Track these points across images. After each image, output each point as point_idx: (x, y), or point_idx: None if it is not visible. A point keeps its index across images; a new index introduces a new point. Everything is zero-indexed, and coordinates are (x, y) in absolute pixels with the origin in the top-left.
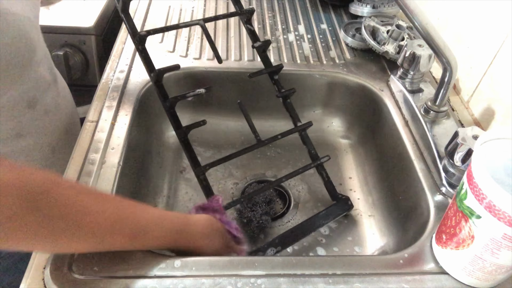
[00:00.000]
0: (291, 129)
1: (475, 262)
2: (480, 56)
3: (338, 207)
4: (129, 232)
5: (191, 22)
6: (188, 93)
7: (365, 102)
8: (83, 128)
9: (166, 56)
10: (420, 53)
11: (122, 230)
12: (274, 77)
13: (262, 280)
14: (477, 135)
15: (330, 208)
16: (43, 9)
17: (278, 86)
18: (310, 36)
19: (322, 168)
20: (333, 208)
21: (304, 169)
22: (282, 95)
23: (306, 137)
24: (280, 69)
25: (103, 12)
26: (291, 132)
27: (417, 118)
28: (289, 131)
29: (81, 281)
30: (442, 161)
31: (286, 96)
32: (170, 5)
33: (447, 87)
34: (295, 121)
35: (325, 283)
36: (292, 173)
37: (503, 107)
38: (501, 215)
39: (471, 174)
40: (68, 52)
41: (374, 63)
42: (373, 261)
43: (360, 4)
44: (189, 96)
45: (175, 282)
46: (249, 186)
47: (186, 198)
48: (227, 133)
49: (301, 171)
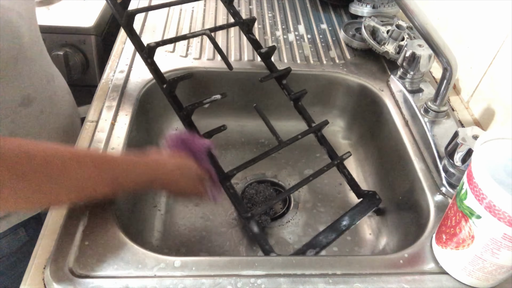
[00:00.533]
0: (309, 129)
1: (475, 262)
2: (480, 56)
3: (366, 203)
4: (109, 181)
5: (198, 32)
6: (205, 99)
7: (365, 102)
8: (83, 128)
9: (166, 56)
10: (420, 53)
11: (102, 181)
12: (283, 82)
13: (262, 280)
14: (477, 135)
15: (359, 205)
16: (43, 9)
17: (288, 90)
18: (310, 36)
19: (344, 166)
20: (362, 205)
21: (327, 167)
22: (295, 96)
23: (322, 137)
24: (288, 72)
25: (103, 12)
26: (309, 132)
27: (417, 118)
28: (307, 130)
29: (81, 281)
30: (442, 161)
31: (297, 98)
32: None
33: (447, 87)
34: (309, 123)
35: (325, 283)
36: (315, 172)
37: (503, 107)
38: (501, 215)
39: (471, 174)
40: (68, 52)
41: (374, 63)
42: (373, 261)
43: (360, 4)
44: (206, 103)
45: (175, 282)
46: (249, 186)
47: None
48: (227, 133)
49: (325, 169)
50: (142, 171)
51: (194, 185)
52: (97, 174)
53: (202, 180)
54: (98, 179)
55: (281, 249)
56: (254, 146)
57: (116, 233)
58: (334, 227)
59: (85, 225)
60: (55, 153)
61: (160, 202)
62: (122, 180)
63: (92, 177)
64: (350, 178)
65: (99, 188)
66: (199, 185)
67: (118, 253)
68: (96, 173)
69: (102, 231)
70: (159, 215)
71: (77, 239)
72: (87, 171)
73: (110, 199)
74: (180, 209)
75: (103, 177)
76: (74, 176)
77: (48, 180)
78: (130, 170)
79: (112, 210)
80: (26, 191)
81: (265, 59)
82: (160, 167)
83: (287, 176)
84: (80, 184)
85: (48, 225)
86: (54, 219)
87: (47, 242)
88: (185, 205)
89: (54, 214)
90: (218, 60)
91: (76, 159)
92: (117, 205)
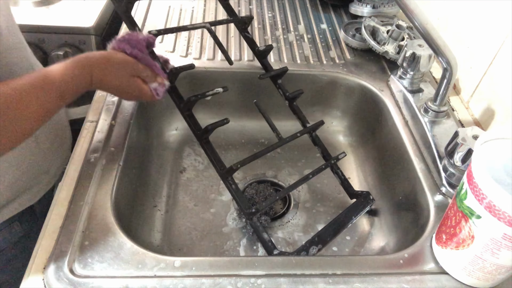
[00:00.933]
0: (304, 129)
1: (475, 262)
2: (480, 56)
3: (360, 203)
4: (55, 99)
5: (198, 24)
6: (207, 92)
7: (365, 102)
8: (83, 128)
9: (166, 56)
10: (420, 53)
11: (50, 102)
12: (278, 81)
13: (262, 280)
14: (477, 135)
15: (352, 205)
16: (43, 9)
17: (283, 90)
18: (310, 36)
19: (337, 167)
20: (355, 205)
21: (322, 168)
22: (292, 96)
23: (316, 137)
24: (284, 72)
25: (103, 12)
26: (305, 131)
27: (417, 118)
28: (303, 130)
29: (81, 281)
30: (442, 161)
31: (293, 98)
32: (170, 5)
33: (447, 87)
34: (304, 123)
35: (325, 283)
36: (314, 171)
37: (503, 107)
38: (501, 215)
39: (471, 174)
40: (68, 52)
41: (374, 63)
42: (373, 261)
43: (360, 4)
44: (208, 95)
45: (175, 282)
46: (249, 186)
47: (186, 198)
48: (226, 132)
49: (323, 167)
50: (79, 73)
51: (128, 80)
52: (42, 103)
53: (141, 76)
54: (45, 105)
55: (281, 249)
56: (254, 146)
57: (116, 233)
58: (334, 225)
59: (85, 225)
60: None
61: (160, 202)
62: (67, 95)
63: (39, 104)
64: (344, 179)
65: (49, 111)
66: (136, 81)
67: (118, 253)
68: (41, 101)
69: (102, 231)
70: (159, 215)
71: (77, 239)
72: (34, 104)
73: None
74: (180, 209)
75: (50, 100)
76: (24, 111)
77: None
78: (69, 81)
79: (112, 210)
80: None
81: (260, 58)
82: (91, 61)
83: (287, 176)
84: (31, 115)
85: (48, 225)
86: (54, 219)
87: (47, 242)
88: (185, 205)
89: (54, 214)
90: (218, 60)
91: (19, 96)
92: (117, 205)
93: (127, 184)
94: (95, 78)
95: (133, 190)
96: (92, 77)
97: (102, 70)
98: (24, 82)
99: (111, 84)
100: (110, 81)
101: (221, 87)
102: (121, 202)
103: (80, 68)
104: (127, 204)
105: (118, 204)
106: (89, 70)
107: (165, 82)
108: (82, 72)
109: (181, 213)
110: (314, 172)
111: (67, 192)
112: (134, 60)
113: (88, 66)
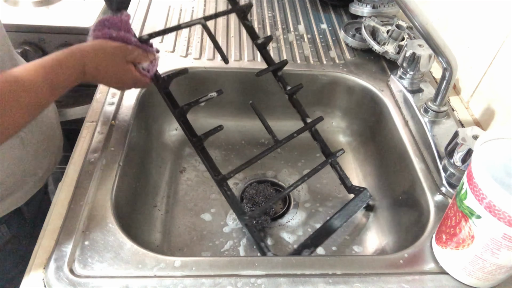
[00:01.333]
0: (304, 126)
1: (475, 262)
2: (480, 56)
3: (357, 200)
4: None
5: (192, 21)
6: (201, 98)
7: (365, 102)
8: (83, 128)
9: (166, 56)
10: (420, 53)
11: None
12: (278, 74)
13: (262, 280)
14: (477, 135)
15: (350, 202)
16: (43, 8)
17: (283, 83)
18: (310, 36)
19: (336, 163)
20: (353, 202)
21: (321, 166)
22: (291, 91)
23: (316, 133)
24: (284, 64)
25: (103, 12)
26: (305, 129)
27: (417, 118)
28: (302, 128)
29: (81, 281)
30: (442, 161)
31: (293, 93)
32: (170, 5)
33: (447, 87)
34: (303, 117)
35: (325, 283)
36: (312, 170)
37: (503, 107)
38: (501, 215)
39: (471, 174)
40: None
41: (374, 63)
42: (373, 261)
43: (360, 4)
44: (202, 101)
45: (175, 282)
46: (249, 186)
47: (186, 198)
48: (227, 134)
49: (319, 167)
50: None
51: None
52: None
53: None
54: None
55: (281, 249)
56: (254, 146)
57: (116, 233)
58: (326, 226)
59: (85, 225)
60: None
61: (160, 202)
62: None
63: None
64: (342, 174)
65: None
66: (130, 67)
67: (118, 253)
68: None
69: (102, 231)
70: (159, 215)
71: (77, 239)
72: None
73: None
74: (180, 209)
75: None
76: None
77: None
78: (60, 73)
79: (112, 210)
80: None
81: (261, 49)
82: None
83: (287, 176)
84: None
85: (48, 225)
86: (54, 219)
87: (47, 242)
88: (185, 205)
89: (54, 214)
90: (218, 60)
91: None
92: (117, 205)
93: (127, 184)
94: (88, 68)
95: (133, 190)
96: (84, 67)
97: (95, 59)
98: (14, 74)
99: (107, 73)
100: (106, 69)
101: (215, 90)
102: (121, 202)
103: (71, 59)
104: (127, 204)
105: (118, 204)
106: (81, 60)
107: (156, 56)
108: (74, 63)
109: (181, 213)
110: (312, 171)
111: (67, 192)
112: (124, 44)
113: (80, 57)
